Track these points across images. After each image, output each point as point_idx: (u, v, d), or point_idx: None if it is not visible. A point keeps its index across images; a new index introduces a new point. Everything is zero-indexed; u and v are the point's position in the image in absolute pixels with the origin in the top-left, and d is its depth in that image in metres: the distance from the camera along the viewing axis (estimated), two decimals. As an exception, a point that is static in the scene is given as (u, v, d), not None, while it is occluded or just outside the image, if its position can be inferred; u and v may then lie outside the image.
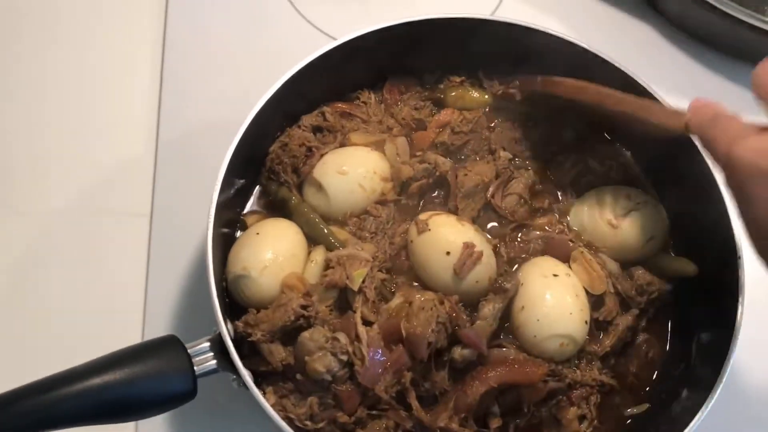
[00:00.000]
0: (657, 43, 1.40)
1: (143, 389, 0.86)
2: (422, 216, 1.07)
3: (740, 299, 1.00)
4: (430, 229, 1.04)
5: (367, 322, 0.99)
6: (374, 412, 0.98)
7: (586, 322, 1.04)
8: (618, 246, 1.10)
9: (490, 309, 1.01)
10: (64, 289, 1.19)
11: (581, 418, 1.05)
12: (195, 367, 0.90)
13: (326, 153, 1.12)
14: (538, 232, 1.13)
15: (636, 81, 1.11)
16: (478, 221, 1.12)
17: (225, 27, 1.37)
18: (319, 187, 1.10)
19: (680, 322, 1.13)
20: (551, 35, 1.13)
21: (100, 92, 1.33)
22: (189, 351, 0.91)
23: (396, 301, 1.02)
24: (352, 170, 1.10)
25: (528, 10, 1.40)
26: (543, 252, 1.11)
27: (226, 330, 0.93)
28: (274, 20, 1.38)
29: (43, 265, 1.21)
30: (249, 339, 0.97)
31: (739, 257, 1.02)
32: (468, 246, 1.02)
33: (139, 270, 1.18)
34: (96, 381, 0.83)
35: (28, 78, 1.34)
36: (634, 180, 1.17)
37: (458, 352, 0.99)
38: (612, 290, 1.07)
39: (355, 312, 0.99)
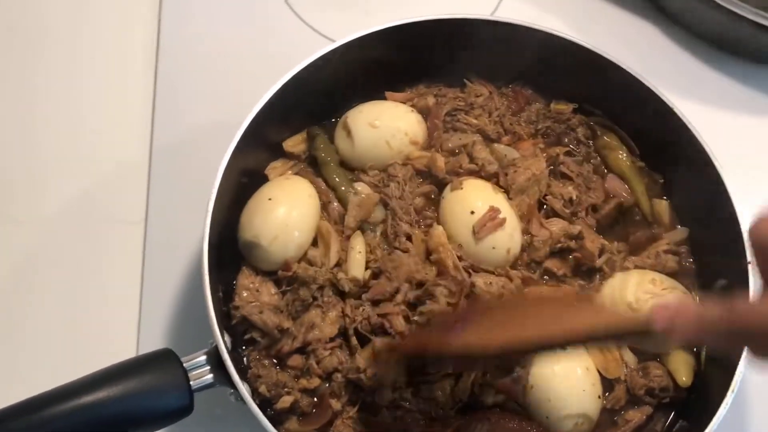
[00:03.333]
0: (659, 42, 1.38)
1: (138, 406, 0.83)
2: (461, 177, 1.08)
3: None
4: (462, 188, 1.05)
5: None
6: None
7: (599, 397, 0.98)
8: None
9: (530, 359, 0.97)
10: (57, 300, 1.15)
11: None
12: (191, 382, 0.87)
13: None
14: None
15: (639, 80, 1.09)
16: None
17: (220, 31, 1.34)
18: (348, 132, 1.11)
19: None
20: (553, 35, 1.11)
21: (93, 98, 1.30)
22: (185, 365, 0.88)
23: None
24: (384, 125, 1.10)
25: (528, 10, 1.38)
26: None
27: (222, 342, 0.90)
28: (270, 23, 1.36)
29: (36, 274, 1.18)
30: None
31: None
32: (493, 209, 1.03)
33: (133, 279, 1.15)
34: (89, 398, 0.80)
35: (21, 85, 1.31)
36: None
37: (492, 398, 0.97)
38: (624, 379, 1.02)
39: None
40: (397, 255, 1.03)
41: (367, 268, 1.04)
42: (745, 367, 0.92)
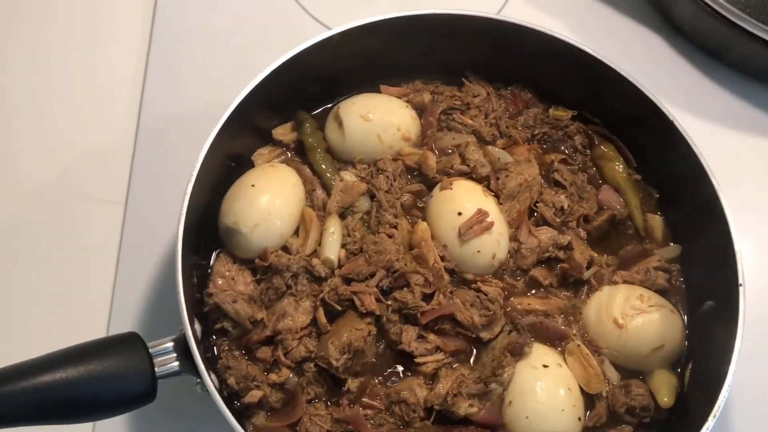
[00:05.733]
0: (663, 52, 1.35)
1: (97, 389, 0.80)
2: (451, 177, 1.05)
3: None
4: (452, 188, 1.03)
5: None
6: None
7: (579, 419, 0.95)
8: (621, 349, 0.99)
9: (509, 374, 0.95)
10: (29, 275, 1.13)
11: None
12: (156, 368, 0.84)
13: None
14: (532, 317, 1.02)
15: (641, 90, 1.06)
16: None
17: (217, 14, 1.32)
18: (340, 123, 1.08)
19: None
20: (556, 38, 1.08)
21: (84, 75, 1.27)
22: (150, 350, 0.85)
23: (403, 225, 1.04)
24: (376, 118, 1.08)
25: (533, 12, 1.35)
26: (532, 335, 1.01)
27: (191, 330, 0.87)
28: (269, 9, 1.33)
29: (12, 247, 1.16)
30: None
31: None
32: (481, 212, 1.00)
33: (109, 259, 1.13)
34: (45, 378, 0.77)
35: (11, 58, 1.29)
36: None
37: (464, 410, 0.94)
38: (605, 395, 0.99)
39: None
40: (381, 238, 1.00)
41: (343, 247, 1.01)
42: (728, 392, 0.89)
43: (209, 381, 0.86)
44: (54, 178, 1.20)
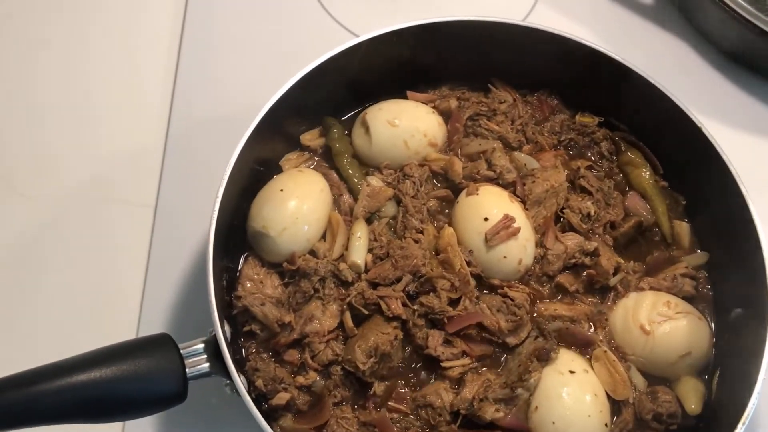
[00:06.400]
0: (691, 60, 1.35)
1: (130, 389, 0.82)
2: (477, 183, 1.06)
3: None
4: (478, 194, 1.04)
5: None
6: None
7: (606, 425, 0.95)
8: (647, 355, 0.99)
9: (536, 379, 0.95)
10: (60, 277, 1.15)
11: None
12: (187, 369, 0.86)
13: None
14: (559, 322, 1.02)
15: (668, 96, 1.07)
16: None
17: (246, 22, 1.33)
18: (367, 129, 1.10)
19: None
20: (583, 44, 1.09)
21: (113, 80, 1.30)
22: (182, 351, 0.86)
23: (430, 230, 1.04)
24: (403, 124, 1.09)
25: (560, 19, 1.35)
26: (558, 341, 1.01)
27: (221, 331, 0.88)
28: (298, 17, 1.35)
29: (41, 250, 1.18)
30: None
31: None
32: (507, 218, 1.00)
33: (139, 262, 1.14)
34: (81, 378, 0.79)
35: (43, 60, 1.31)
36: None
37: (490, 414, 0.94)
38: (632, 402, 0.98)
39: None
40: (408, 243, 1.01)
41: (370, 252, 1.02)
42: (757, 398, 0.89)
43: (239, 382, 0.87)
44: (85, 182, 1.22)
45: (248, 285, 1.01)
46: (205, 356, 0.88)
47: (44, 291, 1.14)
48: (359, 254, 1.02)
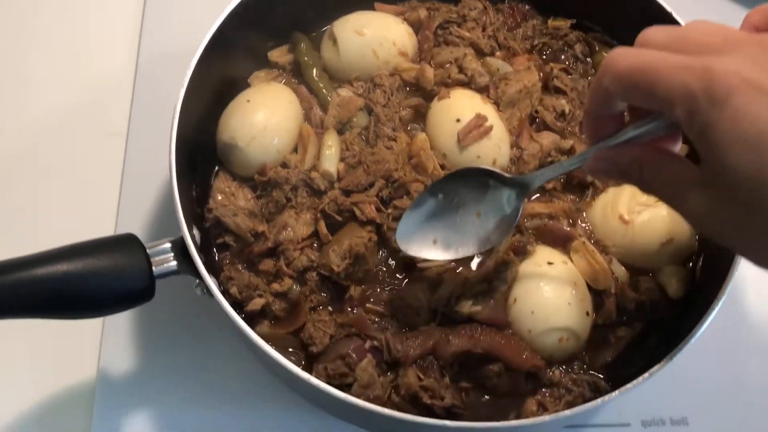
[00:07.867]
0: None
1: (94, 284, 0.80)
2: (449, 88, 1.04)
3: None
4: (450, 97, 1.02)
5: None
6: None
7: (587, 314, 0.93)
8: (628, 246, 0.97)
9: (513, 272, 0.93)
10: (34, 203, 1.15)
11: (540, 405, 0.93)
12: (153, 267, 0.84)
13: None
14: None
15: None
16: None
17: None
18: (335, 41, 1.08)
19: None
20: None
21: (82, 10, 1.29)
22: (148, 251, 0.85)
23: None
24: (371, 33, 1.07)
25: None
26: (537, 239, 0.99)
27: (189, 232, 0.87)
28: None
29: (19, 174, 1.18)
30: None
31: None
32: (480, 117, 0.99)
33: (112, 189, 1.13)
34: (41, 271, 0.77)
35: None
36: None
37: (467, 309, 0.92)
38: (614, 292, 0.96)
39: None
40: (380, 149, 1.00)
41: (342, 161, 1.01)
42: (738, 271, 0.87)
43: (208, 278, 0.85)
44: (58, 112, 1.21)
45: (219, 198, 1.00)
46: (173, 254, 0.86)
47: (18, 219, 1.13)
48: (331, 162, 1.01)
